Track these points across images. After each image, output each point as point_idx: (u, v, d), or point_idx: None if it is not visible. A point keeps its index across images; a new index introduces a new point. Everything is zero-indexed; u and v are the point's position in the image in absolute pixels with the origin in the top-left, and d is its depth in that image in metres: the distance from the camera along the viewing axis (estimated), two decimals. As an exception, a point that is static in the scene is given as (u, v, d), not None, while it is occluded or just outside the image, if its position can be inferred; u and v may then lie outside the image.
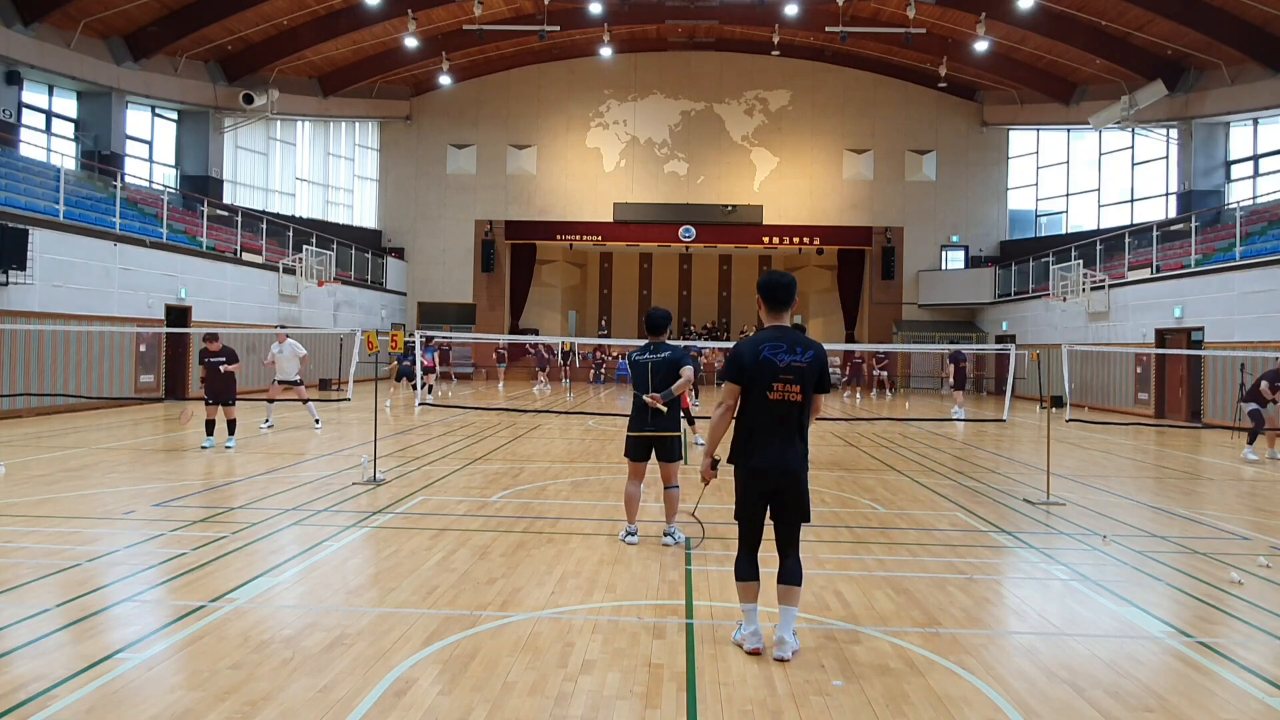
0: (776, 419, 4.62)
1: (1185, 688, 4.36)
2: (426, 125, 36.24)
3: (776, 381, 4.59)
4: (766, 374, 4.59)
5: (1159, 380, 22.24)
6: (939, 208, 35.72)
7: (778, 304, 4.76)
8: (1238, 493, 10.63)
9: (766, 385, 4.60)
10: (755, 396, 4.64)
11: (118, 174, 22.47)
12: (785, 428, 4.63)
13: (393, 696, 4.06)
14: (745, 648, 4.69)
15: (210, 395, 12.62)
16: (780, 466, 4.62)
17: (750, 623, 4.72)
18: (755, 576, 4.74)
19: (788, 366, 4.59)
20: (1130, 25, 25.90)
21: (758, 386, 4.62)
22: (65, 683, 4.11)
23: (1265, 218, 21.98)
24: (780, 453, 4.62)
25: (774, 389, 4.59)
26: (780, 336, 4.67)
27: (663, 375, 7.03)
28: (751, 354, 4.64)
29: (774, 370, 4.59)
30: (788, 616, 4.65)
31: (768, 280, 4.81)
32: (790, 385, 4.59)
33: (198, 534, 7.17)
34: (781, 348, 4.62)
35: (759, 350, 4.63)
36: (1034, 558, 7.00)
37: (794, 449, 4.64)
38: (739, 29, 32.95)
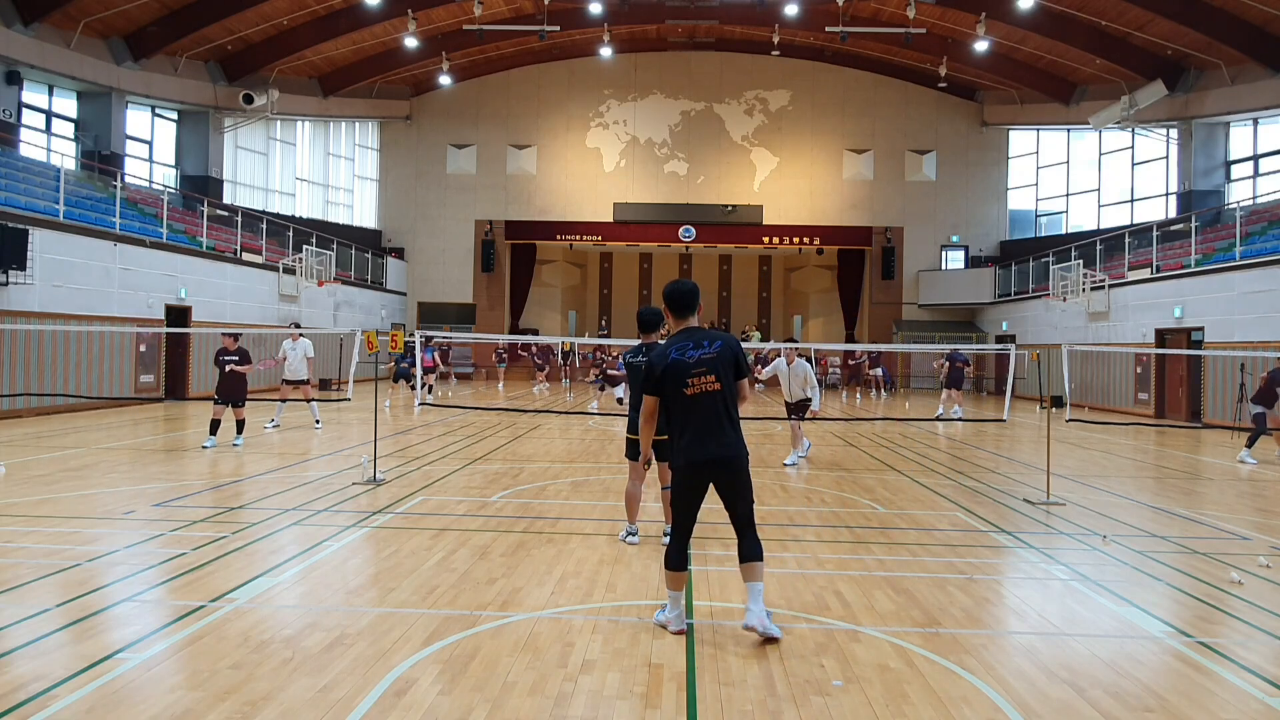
0: (700, 412, 4.85)
1: (1185, 688, 4.36)
2: (426, 125, 36.25)
3: (690, 377, 4.86)
4: (680, 373, 4.87)
5: (1159, 380, 22.24)
6: (939, 208, 35.73)
7: (682, 310, 5.11)
8: (1238, 493, 10.63)
9: (682, 383, 4.86)
10: (676, 395, 4.89)
11: (118, 174, 22.47)
12: (711, 418, 4.85)
13: (393, 696, 4.06)
14: (670, 629, 4.96)
15: (220, 395, 12.64)
16: (714, 457, 4.84)
17: (675, 607, 5.00)
18: (684, 567, 4.97)
19: (698, 360, 4.87)
20: (1130, 25, 25.90)
21: (675, 386, 4.88)
22: (65, 683, 4.11)
23: (1265, 218, 21.98)
24: (713, 443, 4.84)
25: (690, 384, 4.86)
26: (687, 336, 4.98)
27: None
28: (661, 360, 4.93)
29: (685, 368, 4.87)
30: (755, 593, 4.82)
31: (671, 289, 5.15)
32: (705, 376, 4.85)
33: (198, 534, 7.17)
34: (688, 346, 4.92)
35: (667, 354, 4.93)
36: (1034, 558, 7.00)
37: (725, 437, 4.86)
38: (739, 29, 32.96)
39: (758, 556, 4.88)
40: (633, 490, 7.16)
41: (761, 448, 14.05)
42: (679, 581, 4.98)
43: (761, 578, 4.88)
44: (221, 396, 12.65)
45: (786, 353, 12.56)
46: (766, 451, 13.63)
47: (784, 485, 10.34)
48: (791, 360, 12.36)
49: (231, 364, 12.69)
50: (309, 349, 15.21)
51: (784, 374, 12.39)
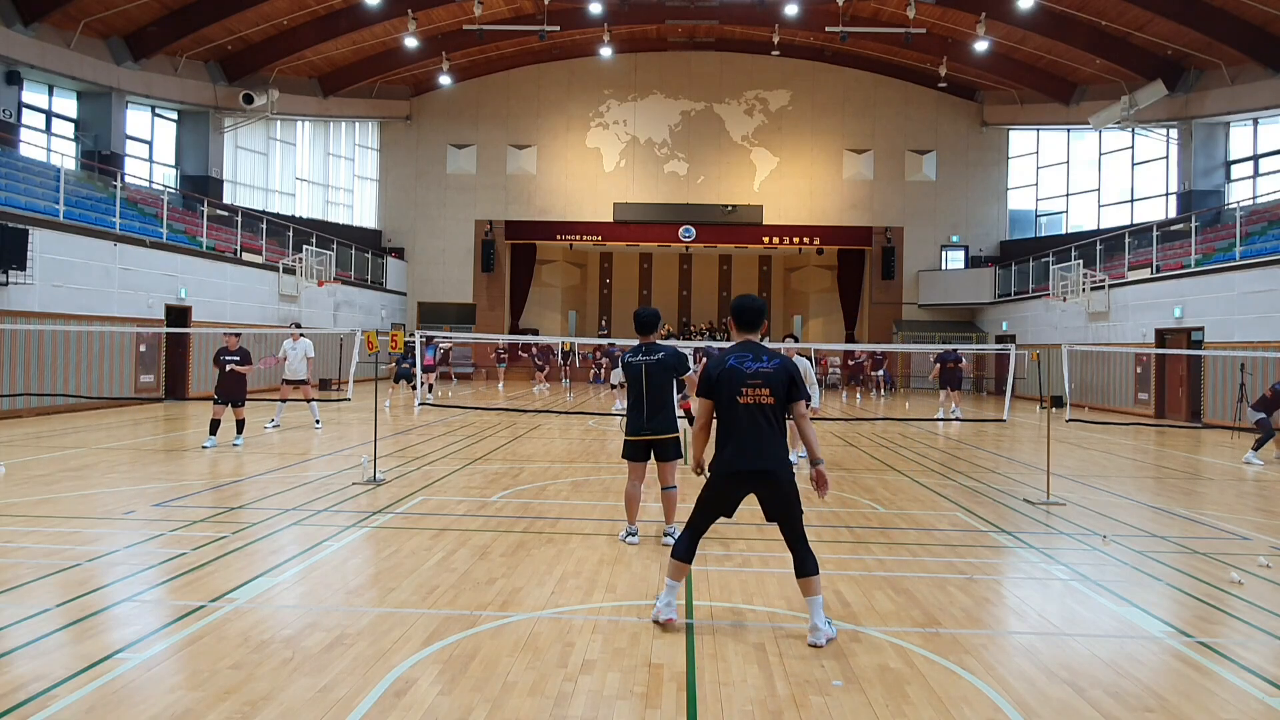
0: (750, 421, 4.88)
1: (1185, 688, 4.36)
2: (426, 125, 36.25)
3: (745, 386, 4.89)
4: (735, 381, 4.91)
5: (1159, 380, 22.24)
6: (939, 208, 35.73)
7: (747, 325, 5.14)
8: (1238, 493, 10.63)
9: (736, 391, 4.90)
10: (727, 403, 4.93)
11: (118, 174, 22.47)
12: (759, 431, 4.87)
13: (393, 696, 4.06)
14: (659, 618, 5.04)
15: (220, 395, 12.65)
16: (755, 468, 4.85)
17: (670, 594, 5.07)
18: (688, 559, 5.05)
19: (755, 372, 4.91)
20: (1130, 25, 25.90)
21: (728, 393, 4.92)
22: (65, 683, 4.11)
23: (1265, 218, 21.98)
24: (756, 455, 4.85)
25: (744, 394, 4.89)
26: (747, 348, 5.02)
27: (658, 378, 6.92)
28: (719, 366, 4.99)
29: (741, 376, 4.91)
30: (815, 606, 4.86)
31: (742, 304, 5.17)
32: (759, 389, 4.88)
33: (198, 534, 7.17)
34: (748, 357, 4.97)
35: (725, 361, 4.99)
36: (1034, 558, 7.00)
37: (769, 450, 4.86)
38: (739, 29, 32.96)
39: (812, 570, 4.88)
40: (632, 491, 7.16)
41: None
42: (681, 572, 5.07)
43: (819, 591, 4.89)
44: (221, 396, 12.65)
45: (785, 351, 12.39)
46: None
47: (784, 485, 10.34)
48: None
49: (232, 364, 12.70)
50: (309, 349, 15.22)
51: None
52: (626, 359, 7.02)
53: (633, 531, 7.15)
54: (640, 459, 7.08)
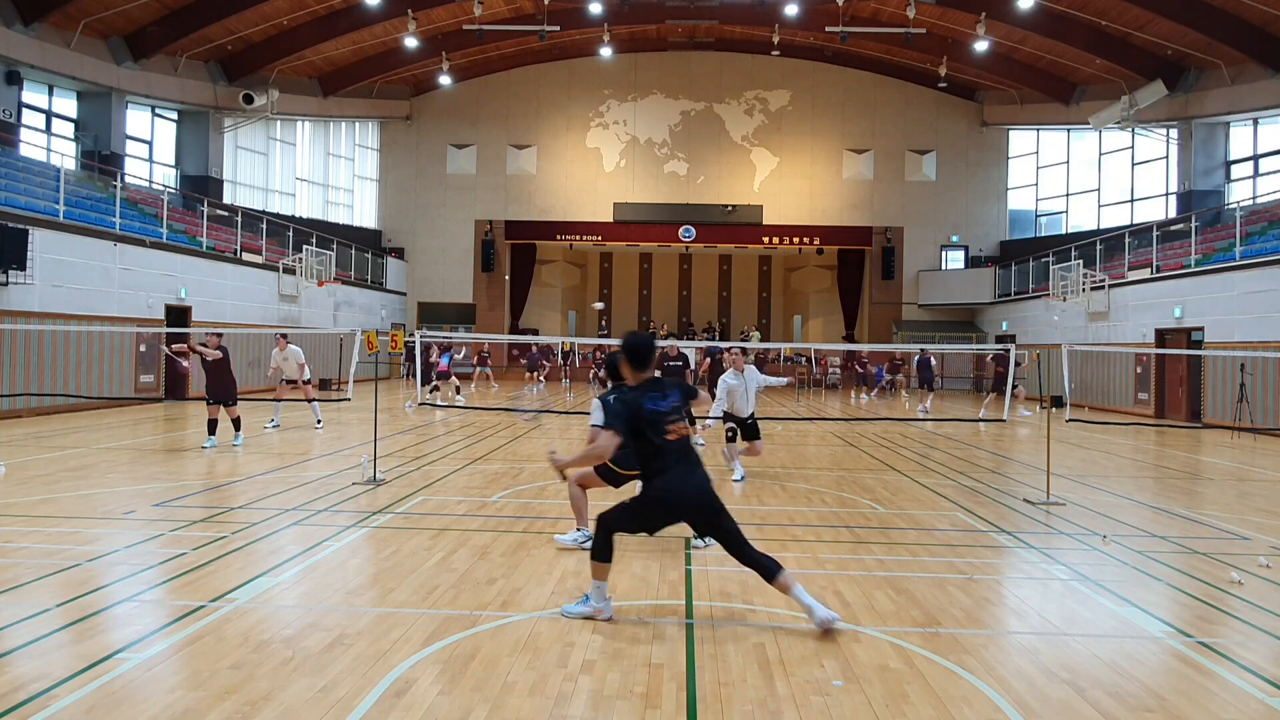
0: (679, 455, 5.13)
1: (1185, 688, 4.36)
2: (426, 125, 36.25)
3: (667, 424, 5.14)
4: (658, 422, 5.11)
5: (1159, 380, 22.24)
6: (939, 208, 35.73)
7: (642, 365, 5.28)
8: (1238, 493, 10.63)
9: (662, 431, 5.12)
10: (654, 441, 5.10)
11: (118, 174, 22.47)
12: (689, 459, 5.16)
13: (393, 696, 4.06)
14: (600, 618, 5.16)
15: (211, 395, 12.67)
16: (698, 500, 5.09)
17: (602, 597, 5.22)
18: (610, 559, 5.20)
19: (670, 409, 5.17)
20: (1130, 25, 25.90)
21: (653, 433, 5.10)
22: (65, 683, 4.11)
23: (1265, 218, 21.98)
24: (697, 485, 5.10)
25: (669, 432, 5.14)
26: (653, 387, 5.23)
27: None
28: (638, 409, 5.11)
29: (660, 417, 5.12)
30: (803, 595, 5.07)
31: (632, 343, 5.29)
32: (677, 424, 5.18)
33: (198, 534, 7.17)
34: (659, 398, 5.17)
35: (641, 404, 5.12)
36: (1034, 558, 7.00)
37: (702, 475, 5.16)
38: (739, 29, 32.97)
39: (779, 567, 5.11)
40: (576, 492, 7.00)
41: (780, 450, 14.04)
42: (606, 571, 5.22)
43: (795, 580, 5.12)
44: (212, 396, 12.65)
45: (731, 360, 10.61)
46: (766, 451, 13.61)
47: (784, 485, 10.34)
48: (741, 368, 10.44)
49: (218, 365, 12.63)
50: (298, 354, 15.17)
51: (736, 388, 10.41)
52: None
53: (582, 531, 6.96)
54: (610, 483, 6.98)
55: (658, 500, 5.17)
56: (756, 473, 11.25)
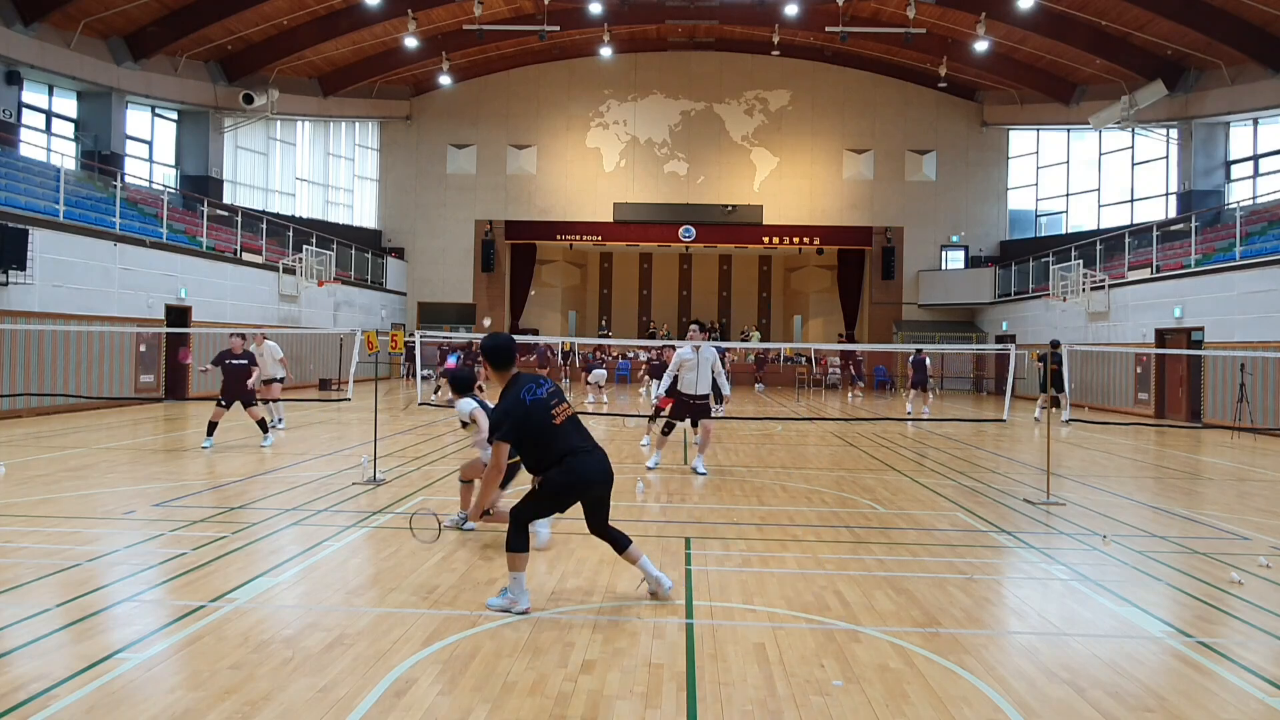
0: (576, 434, 5.39)
1: (1185, 688, 4.36)
2: (426, 125, 36.25)
3: (552, 408, 5.33)
4: (543, 409, 5.29)
5: (1159, 380, 22.24)
6: (939, 208, 35.73)
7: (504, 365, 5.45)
8: (1238, 493, 10.63)
9: (549, 415, 5.30)
10: (546, 428, 5.27)
11: (118, 174, 22.48)
12: (585, 439, 5.42)
13: (393, 696, 4.06)
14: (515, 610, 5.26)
15: (225, 397, 12.46)
16: (601, 479, 5.42)
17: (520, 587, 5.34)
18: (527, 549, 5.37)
19: (549, 394, 5.35)
20: (1130, 25, 25.90)
21: (543, 419, 5.27)
22: (65, 683, 4.11)
23: (1265, 218, 21.98)
24: (599, 466, 5.39)
25: (555, 415, 5.33)
26: (525, 380, 5.37)
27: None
28: (519, 403, 5.24)
29: (546, 404, 5.31)
30: (648, 565, 5.57)
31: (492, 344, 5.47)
32: (561, 406, 5.39)
33: (198, 534, 7.17)
34: (534, 388, 5.34)
35: (523, 398, 5.27)
36: (1034, 558, 7.00)
37: (602, 455, 5.45)
38: (739, 29, 32.97)
39: (628, 539, 5.59)
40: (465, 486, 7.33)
41: (761, 448, 14.05)
42: (523, 563, 5.35)
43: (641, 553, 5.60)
44: (227, 399, 12.47)
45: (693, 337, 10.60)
46: (766, 451, 13.62)
47: (784, 485, 10.34)
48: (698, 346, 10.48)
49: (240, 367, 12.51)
50: (275, 350, 15.07)
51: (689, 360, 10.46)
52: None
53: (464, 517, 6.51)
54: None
55: (566, 484, 5.35)
56: (757, 472, 11.25)
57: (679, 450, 13.54)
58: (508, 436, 5.21)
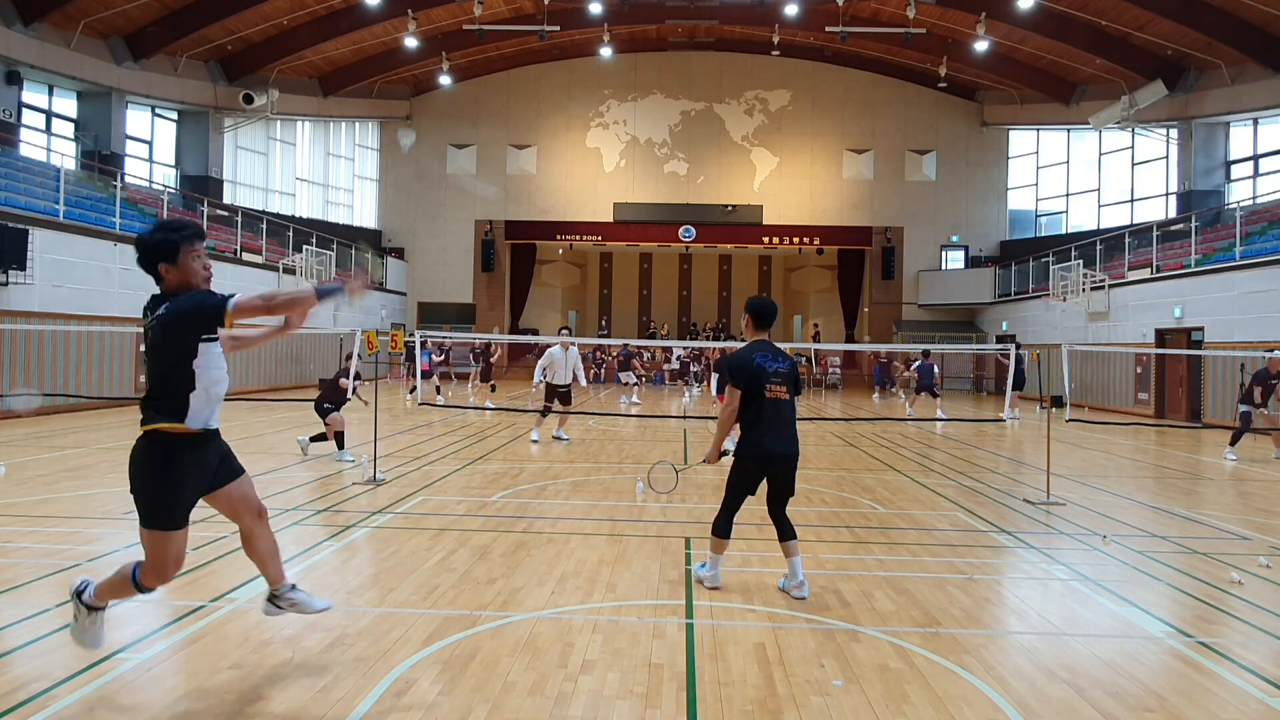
0: (775, 413, 5.61)
1: (1185, 688, 4.36)
2: (426, 125, 36.25)
3: (769, 383, 5.60)
4: (762, 378, 5.60)
5: (1159, 380, 22.24)
6: (939, 208, 35.73)
7: (764, 323, 5.86)
8: (1238, 493, 10.63)
9: (763, 386, 5.59)
10: (756, 396, 5.59)
11: (118, 174, 22.48)
12: (782, 419, 5.64)
13: (393, 696, 4.06)
14: (707, 585, 5.79)
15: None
16: (784, 452, 5.64)
17: (715, 566, 5.83)
18: (729, 534, 5.79)
19: (775, 372, 5.64)
20: (1130, 25, 25.91)
21: (756, 388, 5.58)
22: (65, 682, 4.11)
23: (1265, 218, 21.98)
24: (785, 440, 5.63)
25: (769, 389, 5.60)
26: (767, 348, 5.73)
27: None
28: (747, 361, 5.63)
29: (766, 375, 5.61)
30: (797, 565, 5.70)
31: (758, 303, 5.90)
32: (779, 386, 5.64)
33: (198, 534, 7.16)
34: (769, 357, 5.67)
35: (752, 358, 5.64)
36: (1034, 558, 7.00)
37: (792, 436, 5.69)
38: (739, 29, 32.97)
39: (795, 534, 5.80)
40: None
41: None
42: (723, 547, 5.81)
43: (799, 551, 5.77)
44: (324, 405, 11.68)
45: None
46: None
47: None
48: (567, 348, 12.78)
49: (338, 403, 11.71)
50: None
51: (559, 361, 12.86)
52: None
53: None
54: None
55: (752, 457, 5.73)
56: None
57: (678, 450, 13.56)
58: (730, 382, 5.68)
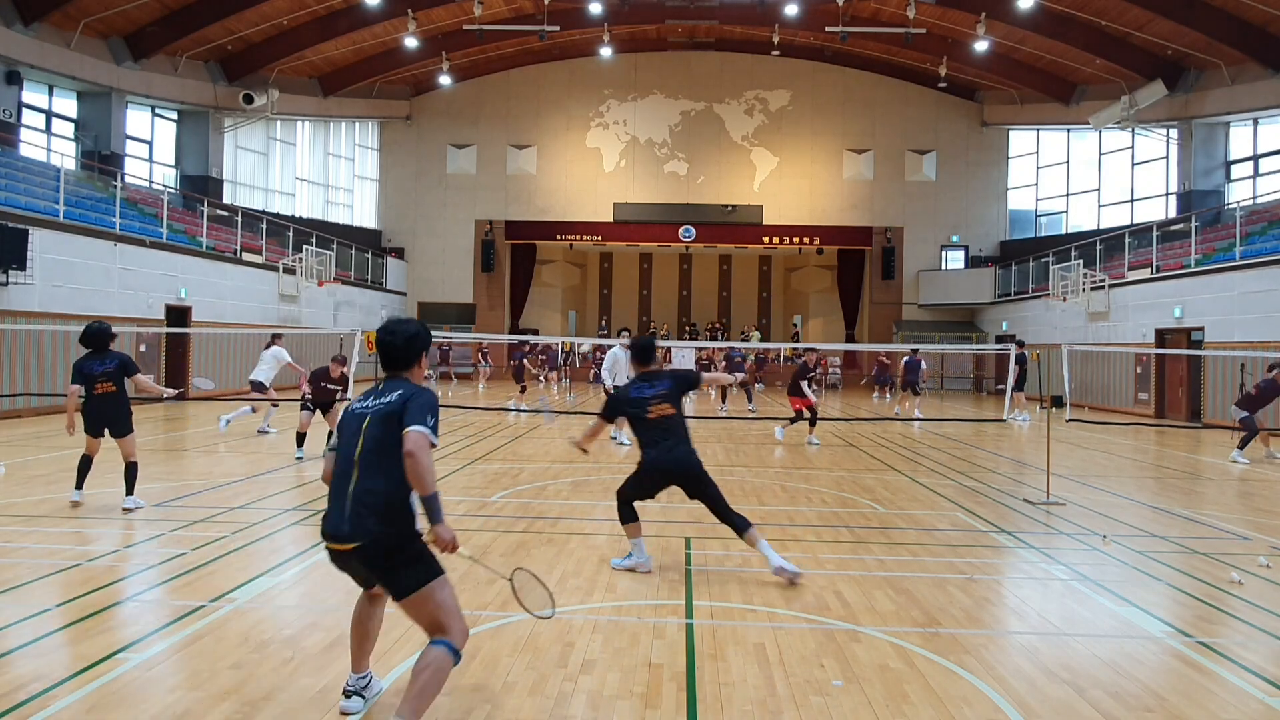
0: (662, 430, 6.21)
1: (1185, 688, 4.36)
2: (426, 125, 36.25)
3: (649, 407, 6.24)
4: (639, 406, 6.27)
5: (1159, 380, 22.24)
6: (939, 208, 35.72)
7: (644, 361, 6.56)
8: (1238, 493, 10.63)
9: (644, 411, 6.25)
10: (641, 420, 6.27)
11: (118, 174, 22.47)
12: (669, 433, 6.21)
13: (393, 696, 4.06)
14: (640, 571, 6.19)
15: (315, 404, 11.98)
16: (675, 467, 6.18)
17: (637, 551, 6.29)
18: (633, 519, 6.30)
19: (651, 396, 6.27)
20: (1130, 25, 25.90)
21: (638, 415, 6.27)
22: (65, 683, 4.12)
23: (1265, 218, 21.97)
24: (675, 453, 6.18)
25: (650, 411, 6.25)
26: (645, 379, 6.44)
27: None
28: (623, 397, 6.41)
29: (643, 403, 6.27)
30: (764, 549, 6.07)
31: (636, 344, 6.62)
32: (659, 405, 6.25)
33: (198, 534, 7.17)
34: (645, 386, 6.36)
35: (628, 393, 6.40)
36: (1034, 558, 7.00)
37: (684, 446, 6.23)
38: (739, 29, 32.96)
39: (749, 524, 6.18)
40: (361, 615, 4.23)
41: (761, 448, 14.05)
42: (637, 530, 6.31)
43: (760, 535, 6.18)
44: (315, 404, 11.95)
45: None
46: (766, 451, 13.61)
47: (784, 485, 10.35)
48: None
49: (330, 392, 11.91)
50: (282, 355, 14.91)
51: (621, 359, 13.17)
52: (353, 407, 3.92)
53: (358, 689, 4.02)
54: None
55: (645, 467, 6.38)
56: (757, 472, 11.26)
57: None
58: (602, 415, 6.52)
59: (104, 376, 8.04)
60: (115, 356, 8.18)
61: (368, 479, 3.67)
